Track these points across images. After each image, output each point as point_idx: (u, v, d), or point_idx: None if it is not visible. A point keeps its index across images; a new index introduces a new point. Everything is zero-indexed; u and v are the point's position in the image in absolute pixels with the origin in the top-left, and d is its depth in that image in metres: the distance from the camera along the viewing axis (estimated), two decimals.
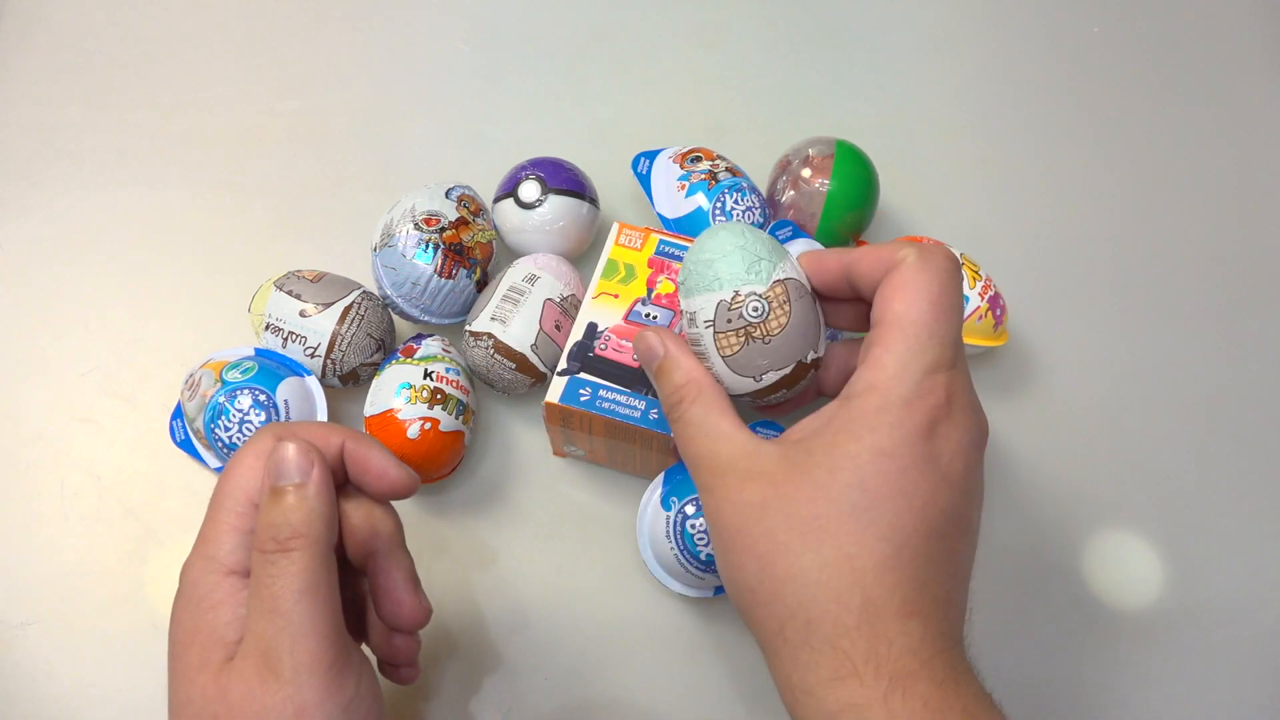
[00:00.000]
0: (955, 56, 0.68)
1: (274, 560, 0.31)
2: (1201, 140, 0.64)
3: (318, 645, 0.31)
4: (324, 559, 0.32)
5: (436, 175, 0.55)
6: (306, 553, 0.32)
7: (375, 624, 0.38)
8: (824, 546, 0.32)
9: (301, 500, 0.32)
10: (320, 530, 0.32)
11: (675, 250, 0.49)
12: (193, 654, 0.32)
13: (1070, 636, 0.48)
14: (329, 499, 0.33)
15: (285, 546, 0.32)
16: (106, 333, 0.55)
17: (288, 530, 0.32)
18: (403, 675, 0.39)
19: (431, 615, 0.37)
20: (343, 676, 0.32)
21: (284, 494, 0.33)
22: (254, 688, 0.30)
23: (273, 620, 0.31)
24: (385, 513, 0.37)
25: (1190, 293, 0.58)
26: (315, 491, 0.33)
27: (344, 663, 0.32)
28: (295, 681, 0.30)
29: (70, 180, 0.60)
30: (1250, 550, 0.51)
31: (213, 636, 0.32)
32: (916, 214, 0.60)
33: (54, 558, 0.49)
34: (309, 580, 0.31)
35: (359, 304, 0.49)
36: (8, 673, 0.46)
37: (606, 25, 0.68)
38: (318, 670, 0.31)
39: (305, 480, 0.33)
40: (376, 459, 0.36)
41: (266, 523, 0.32)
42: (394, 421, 0.46)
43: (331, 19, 0.68)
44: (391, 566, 0.36)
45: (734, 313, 0.37)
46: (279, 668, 0.30)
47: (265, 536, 0.32)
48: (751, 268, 0.37)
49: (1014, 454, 0.52)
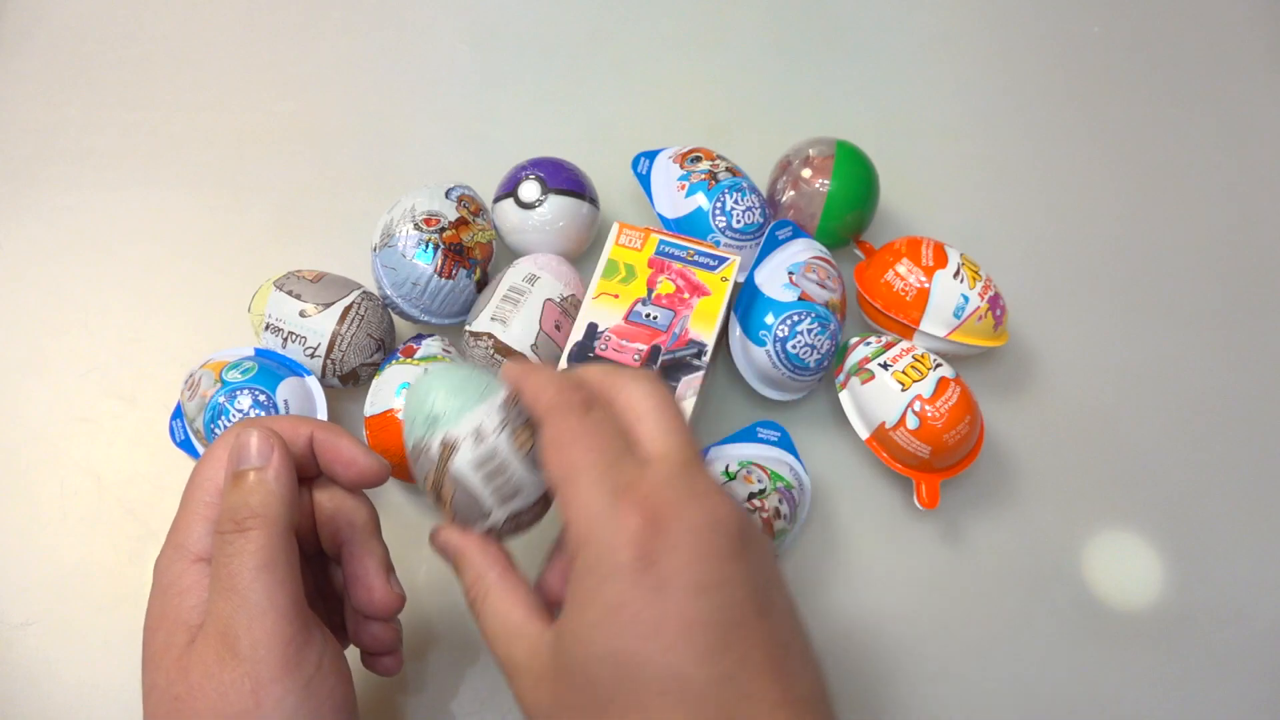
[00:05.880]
0: (955, 56, 0.68)
1: (231, 540, 0.32)
2: (1201, 141, 0.64)
3: (275, 622, 0.31)
4: (282, 538, 0.33)
5: (436, 175, 0.55)
6: (263, 532, 0.32)
7: (352, 614, 0.38)
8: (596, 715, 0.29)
9: (260, 483, 0.33)
10: (278, 511, 0.33)
11: (675, 250, 0.49)
12: (158, 639, 0.32)
13: (1070, 637, 0.48)
14: (288, 482, 0.34)
15: (243, 527, 0.32)
16: (106, 333, 0.55)
17: (245, 511, 0.32)
18: (383, 665, 0.39)
19: (405, 602, 0.37)
20: (302, 653, 0.32)
21: (244, 477, 0.33)
22: (212, 667, 0.31)
23: (230, 598, 0.31)
24: (358, 502, 0.37)
25: (1190, 293, 0.58)
26: (274, 475, 0.33)
27: (304, 640, 0.32)
28: (253, 658, 0.31)
29: (70, 180, 0.60)
30: (1250, 550, 0.50)
31: (178, 621, 0.32)
32: (916, 214, 0.60)
33: (54, 558, 0.49)
34: (266, 558, 0.32)
35: (359, 304, 0.49)
36: (8, 673, 0.46)
37: (606, 25, 0.68)
38: (275, 647, 0.31)
39: (265, 464, 0.33)
40: (345, 448, 0.36)
41: (226, 505, 0.33)
42: (394, 421, 0.46)
43: (331, 19, 0.68)
44: (364, 554, 0.37)
45: (504, 411, 0.36)
46: (236, 646, 0.31)
47: (225, 518, 0.33)
48: (474, 394, 0.37)
49: (1014, 454, 0.52)
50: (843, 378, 0.50)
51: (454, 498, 0.36)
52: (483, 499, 0.36)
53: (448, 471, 0.36)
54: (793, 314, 0.48)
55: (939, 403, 0.46)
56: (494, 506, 0.36)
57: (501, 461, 0.36)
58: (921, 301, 0.50)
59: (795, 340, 0.48)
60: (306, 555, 0.37)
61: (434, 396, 0.37)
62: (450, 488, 0.36)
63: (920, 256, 0.51)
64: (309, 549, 0.37)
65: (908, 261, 0.51)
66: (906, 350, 0.49)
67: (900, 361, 0.48)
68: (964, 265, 0.51)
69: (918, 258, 0.51)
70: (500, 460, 0.36)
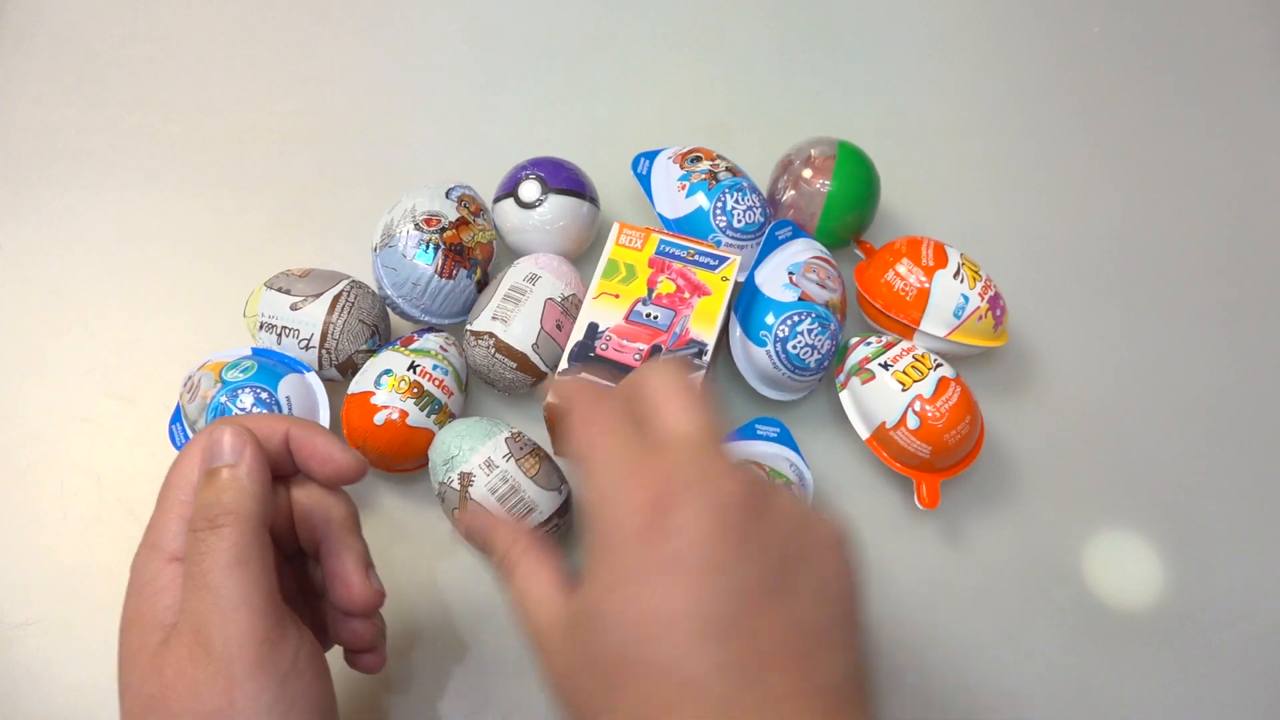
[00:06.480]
0: (955, 57, 0.68)
1: (204, 538, 0.32)
2: (1201, 140, 0.64)
3: (248, 618, 0.31)
4: (255, 535, 0.32)
5: (436, 175, 0.55)
6: (236, 529, 0.32)
7: (332, 611, 0.38)
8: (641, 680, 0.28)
9: (233, 480, 0.33)
10: (251, 508, 0.33)
11: (676, 250, 0.49)
12: (133, 639, 0.32)
13: (1070, 636, 0.48)
14: (261, 479, 0.34)
15: (215, 524, 0.32)
16: (106, 333, 0.55)
17: (218, 508, 0.32)
18: (365, 662, 0.39)
19: (384, 598, 0.37)
20: (277, 650, 0.32)
21: (217, 474, 0.33)
22: (185, 666, 0.31)
23: (203, 596, 0.31)
24: (336, 499, 0.37)
25: (1190, 293, 0.58)
26: (247, 471, 0.33)
27: (278, 637, 0.32)
28: (226, 656, 0.31)
29: (70, 180, 0.60)
30: (1250, 550, 0.51)
31: (152, 621, 0.32)
32: (916, 214, 0.60)
33: (54, 558, 0.49)
34: (238, 555, 0.32)
35: (348, 292, 0.49)
36: (8, 673, 0.46)
37: (606, 25, 0.68)
38: (249, 644, 0.31)
39: (238, 461, 0.33)
40: (321, 444, 0.36)
41: (199, 503, 0.33)
42: (366, 404, 0.46)
43: (331, 19, 0.68)
44: (342, 550, 0.37)
45: (510, 445, 0.45)
46: (209, 644, 0.31)
47: (197, 516, 0.32)
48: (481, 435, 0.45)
49: (1014, 454, 0.52)
50: (843, 378, 0.50)
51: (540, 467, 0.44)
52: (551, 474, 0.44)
53: (469, 499, 0.43)
54: (793, 314, 0.48)
55: (939, 403, 0.46)
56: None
57: (513, 484, 0.44)
58: (921, 301, 0.50)
59: (795, 340, 0.48)
60: (286, 554, 0.38)
61: (448, 443, 0.45)
62: None
63: (920, 256, 0.51)
64: (288, 548, 0.37)
65: (908, 261, 0.51)
66: (907, 350, 0.49)
67: (900, 361, 0.48)
68: (964, 265, 0.51)
69: (918, 258, 0.51)
70: (512, 483, 0.44)
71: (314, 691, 0.33)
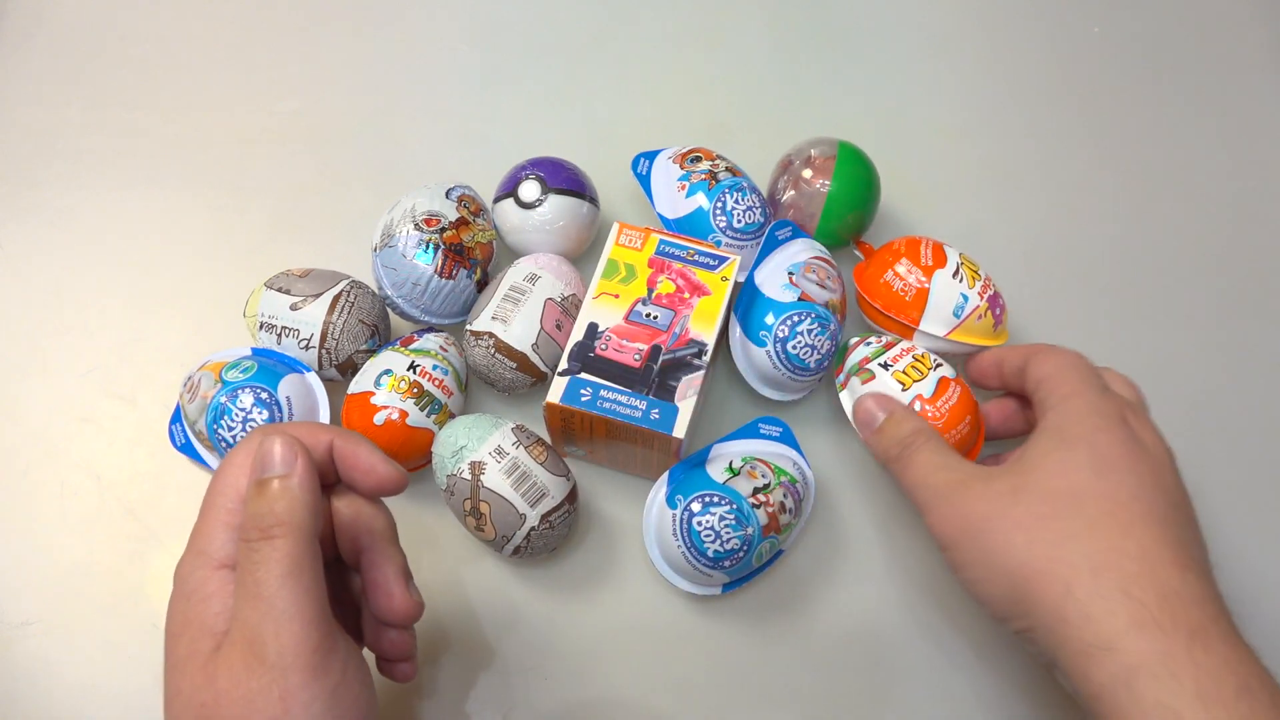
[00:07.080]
0: (955, 57, 0.68)
1: (258, 548, 0.32)
2: (1201, 140, 0.64)
3: (302, 629, 0.31)
4: (308, 546, 0.33)
5: (436, 175, 0.55)
6: (289, 539, 0.32)
7: (370, 621, 0.38)
8: (1085, 508, 0.37)
9: (285, 490, 0.33)
10: (303, 518, 0.33)
11: (675, 250, 0.49)
12: (182, 645, 0.32)
13: None
14: (313, 490, 0.34)
15: (269, 534, 0.32)
16: (106, 333, 0.55)
17: (271, 518, 0.32)
18: (399, 672, 0.39)
19: (423, 610, 0.38)
20: (328, 661, 0.32)
21: (268, 485, 0.33)
22: (239, 674, 0.31)
23: (256, 606, 0.31)
24: (376, 509, 0.37)
25: (1189, 293, 0.58)
26: (299, 482, 0.33)
27: (329, 647, 0.32)
28: (280, 666, 0.31)
29: (70, 180, 0.60)
30: (1250, 550, 0.50)
31: (202, 628, 0.32)
32: (916, 214, 0.60)
33: (54, 558, 0.49)
34: (292, 566, 0.32)
35: (348, 291, 0.49)
36: (8, 673, 0.46)
37: (606, 25, 0.68)
38: (302, 654, 0.31)
39: (289, 472, 0.33)
40: (364, 456, 0.36)
41: (251, 513, 0.33)
42: (365, 403, 0.46)
43: (331, 20, 0.68)
44: (383, 561, 0.37)
45: (517, 434, 0.46)
46: (263, 653, 0.31)
47: (250, 526, 0.32)
48: (488, 425, 0.46)
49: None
50: (843, 378, 0.50)
51: (492, 511, 0.44)
52: (516, 505, 0.43)
53: (481, 486, 0.43)
54: (793, 314, 0.48)
55: (939, 403, 0.46)
56: (527, 510, 0.44)
57: (525, 469, 0.44)
58: (921, 301, 0.50)
59: (795, 340, 0.48)
60: (324, 562, 0.38)
61: (456, 435, 0.45)
62: (487, 504, 0.43)
63: (919, 256, 0.51)
64: (326, 556, 0.37)
65: (907, 261, 0.51)
66: (906, 350, 0.49)
67: (900, 361, 0.48)
68: (963, 265, 0.51)
69: (917, 258, 0.51)
70: (523, 469, 0.44)
71: (362, 701, 0.33)
